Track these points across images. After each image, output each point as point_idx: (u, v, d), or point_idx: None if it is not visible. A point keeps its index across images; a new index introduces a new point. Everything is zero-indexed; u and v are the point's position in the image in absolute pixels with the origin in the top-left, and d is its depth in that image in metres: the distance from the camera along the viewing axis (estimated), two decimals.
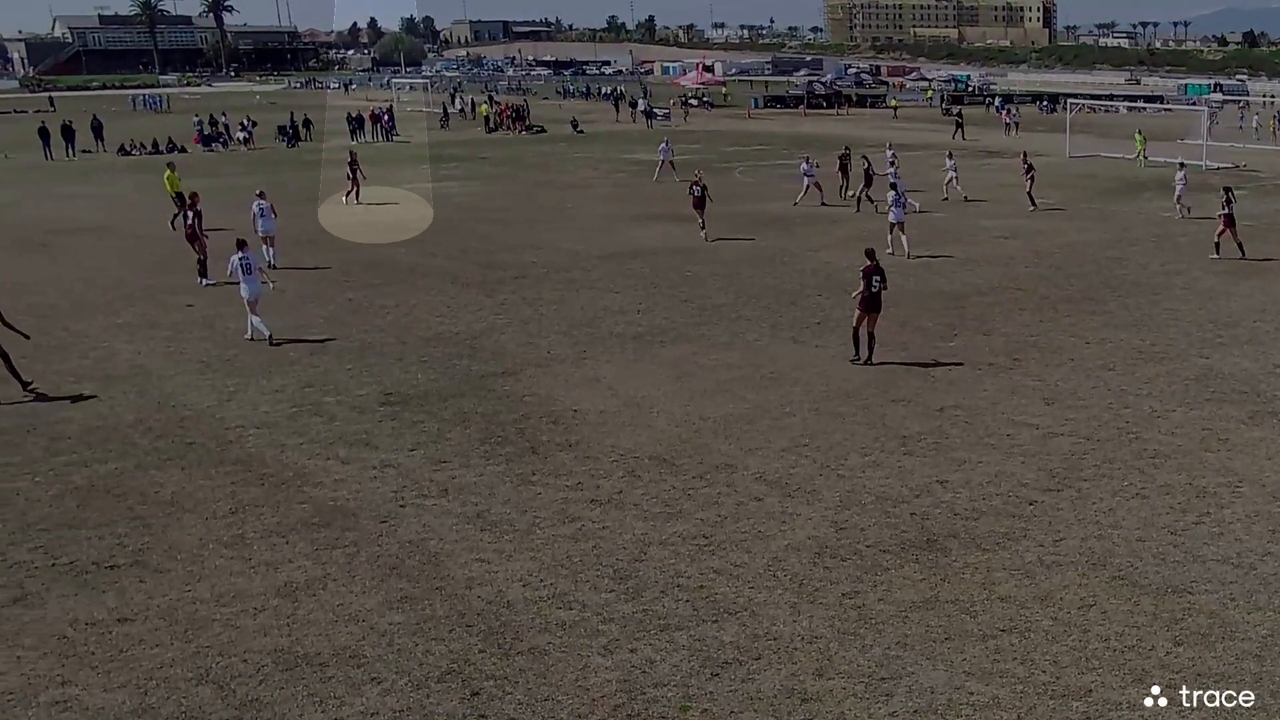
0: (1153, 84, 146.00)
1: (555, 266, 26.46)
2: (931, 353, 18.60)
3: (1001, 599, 10.30)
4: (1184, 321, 20.67)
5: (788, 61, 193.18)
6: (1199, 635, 9.61)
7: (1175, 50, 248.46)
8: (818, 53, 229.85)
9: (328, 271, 26.23)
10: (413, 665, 9.29)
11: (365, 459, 13.98)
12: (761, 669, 9.18)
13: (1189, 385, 16.76)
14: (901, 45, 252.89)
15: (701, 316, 21.27)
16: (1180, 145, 55.28)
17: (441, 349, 19.18)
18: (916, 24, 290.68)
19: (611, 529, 11.87)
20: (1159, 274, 25.20)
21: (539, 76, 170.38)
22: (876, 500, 12.58)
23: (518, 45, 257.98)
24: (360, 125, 66.49)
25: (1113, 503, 12.45)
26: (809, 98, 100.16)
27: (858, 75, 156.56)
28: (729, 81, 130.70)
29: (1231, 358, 18.18)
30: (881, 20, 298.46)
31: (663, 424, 15.23)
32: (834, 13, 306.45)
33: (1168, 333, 19.86)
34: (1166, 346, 18.95)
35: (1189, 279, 24.62)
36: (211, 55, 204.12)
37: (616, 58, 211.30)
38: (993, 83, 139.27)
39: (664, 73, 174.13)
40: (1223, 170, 47.51)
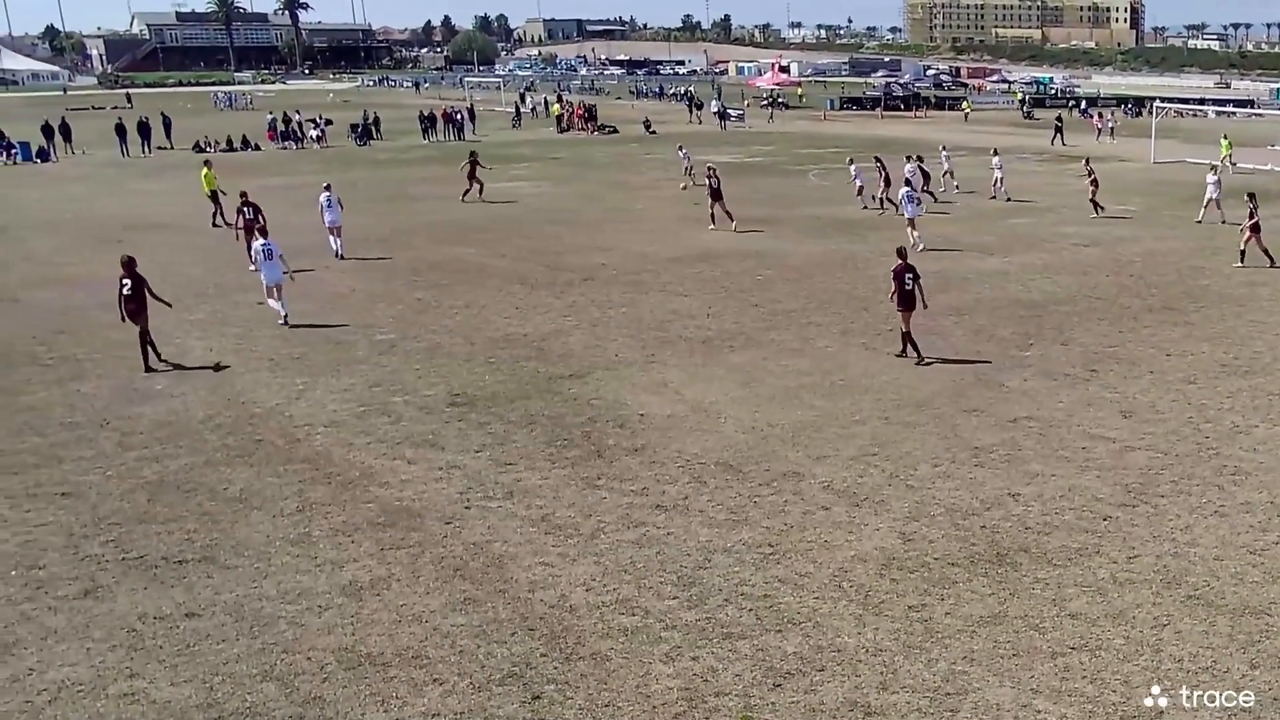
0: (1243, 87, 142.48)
1: (624, 269, 26.47)
2: (1008, 362, 18.29)
3: (1072, 616, 10.12)
4: (1269, 334, 20.11)
5: (865, 62, 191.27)
6: (1276, 658, 9.36)
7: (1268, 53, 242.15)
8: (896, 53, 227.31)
9: (397, 271, 26.51)
10: (474, 667, 9.32)
11: (431, 460, 14.07)
12: (824, 681, 9.09)
13: (1273, 400, 16.32)
14: (982, 46, 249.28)
15: (771, 321, 21.14)
16: (1270, 151, 53.97)
17: (509, 350, 19.27)
18: (998, 24, 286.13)
19: (676, 535, 11.83)
20: (1243, 285, 24.56)
21: (612, 76, 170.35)
22: (946, 512, 12.40)
23: (591, 44, 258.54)
24: (432, 124, 67.14)
25: (1190, 520, 12.16)
26: (886, 99, 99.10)
27: (936, 77, 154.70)
28: (805, 82, 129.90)
29: None
30: (962, 20, 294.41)
31: (730, 430, 15.15)
32: (914, 12, 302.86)
33: (1252, 346, 19.35)
34: (1250, 360, 18.46)
35: (1275, 290, 23.96)
36: (286, 53, 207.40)
37: (691, 57, 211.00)
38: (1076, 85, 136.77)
39: (739, 73, 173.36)
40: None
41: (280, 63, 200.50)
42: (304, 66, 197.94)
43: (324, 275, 25.92)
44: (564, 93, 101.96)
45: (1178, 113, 74.85)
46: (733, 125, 73.54)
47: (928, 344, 19.42)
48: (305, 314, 21.74)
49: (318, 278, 25.55)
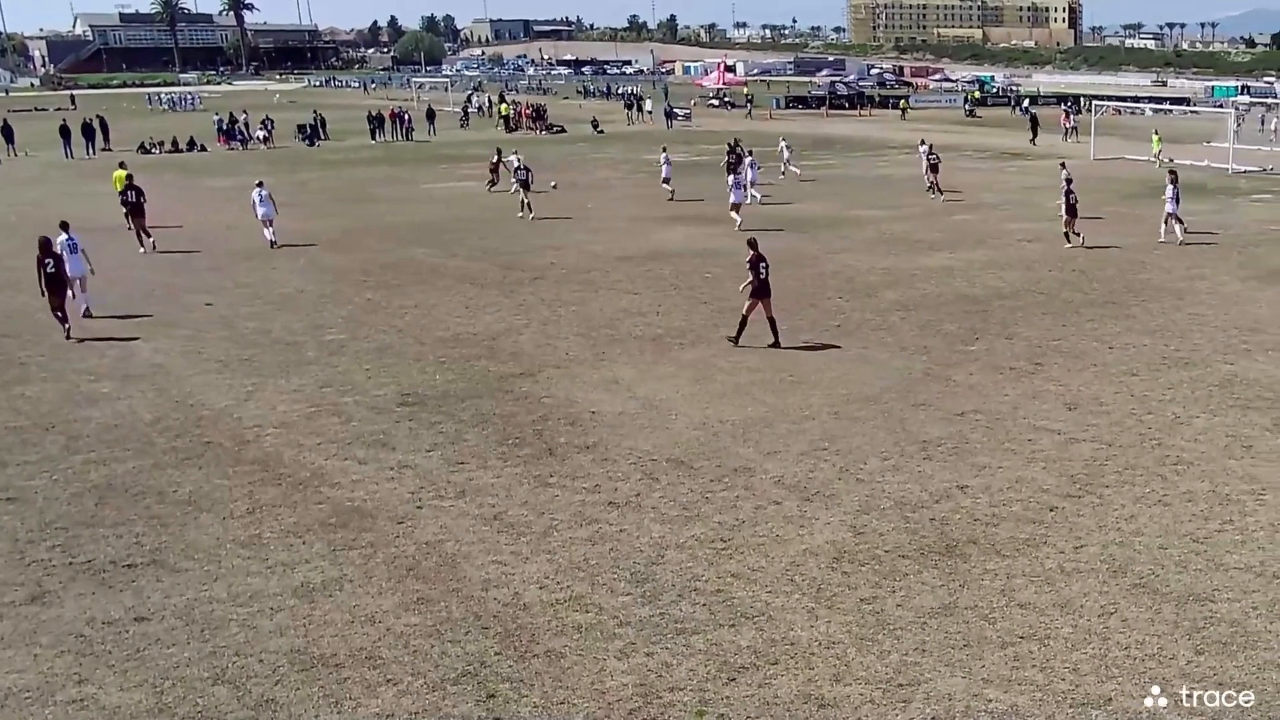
0: (1179, 86, 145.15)
1: (575, 268, 26.50)
2: (955, 356, 18.50)
3: (1021, 606, 10.22)
4: (1208, 327, 20.49)
5: (810, 62, 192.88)
6: (1220, 644, 9.51)
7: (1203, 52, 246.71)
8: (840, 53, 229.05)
9: (347, 271, 26.42)
10: (428, 667, 9.27)
11: (383, 460, 14.00)
12: (778, 674, 9.13)
13: (1213, 391, 16.62)
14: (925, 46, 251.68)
15: (721, 319, 21.18)
16: (1206, 147, 54.97)
17: (460, 350, 19.21)
18: (940, 24, 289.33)
19: (629, 532, 11.84)
20: (1183, 278, 25.00)
21: (559, 76, 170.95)
22: (896, 505, 12.51)
23: (538, 44, 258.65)
24: (380, 124, 67.03)
25: (1134, 509, 12.34)
26: (831, 98, 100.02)
27: (880, 76, 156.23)
28: (751, 81, 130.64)
29: (1257, 364, 18.01)
30: (905, 20, 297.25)
31: (681, 426, 15.19)
32: (857, 12, 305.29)
33: (1192, 338, 19.70)
34: (1191, 352, 18.80)
35: (1214, 284, 24.41)
36: (232, 54, 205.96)
37: (637, 57, 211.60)
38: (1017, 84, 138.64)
39: (685, 72, 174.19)
40: (1249, 174, 47.24)
41: (226, 64, 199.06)
42: (250, 67, 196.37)
43: (272, 276, 25.76)
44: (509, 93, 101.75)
45: (1116, 110, 76.07)
46: (679, 124, 73.73)
47: (877, 339, 19.66)
48: (253, 315, 21.67)
49: (266, 279, 25.41)
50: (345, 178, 46.73)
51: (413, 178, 46.70)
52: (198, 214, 35.28)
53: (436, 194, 41.23)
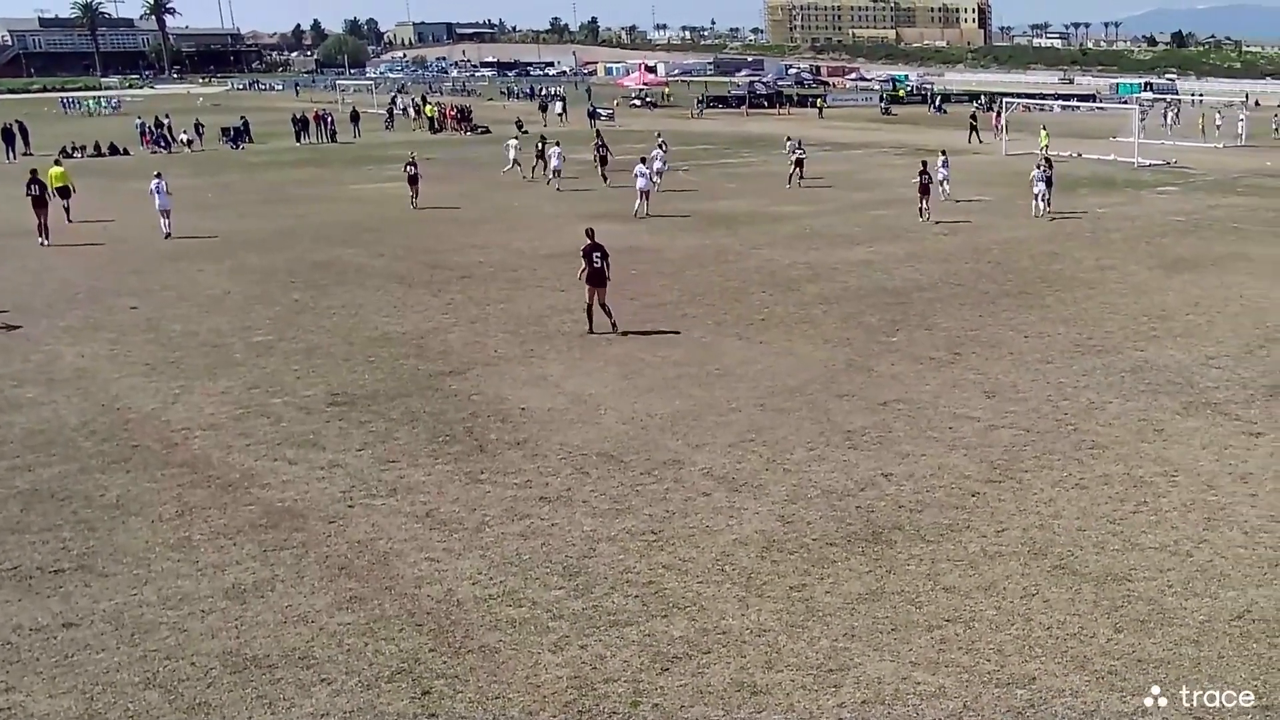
0: (1086, 83, 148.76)
1: (502, 266, 26.48)
2: (877, 347, 18.81)
3: (946, 590, 10.43)
4: (1119, 315, 21.07)
5: (729, 62, 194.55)
6: (1138, 622, 9.78)
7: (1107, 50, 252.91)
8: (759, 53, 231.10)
9: (274, 272, 26.16)
10: (362, 665, 9.25)
11: (313, 460, 13.91)
12: (711, 663, 9.22)
13: (1125, 377, 17.09)
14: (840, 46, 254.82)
15: (647, 314, 21.36)
16: (1113, 143, 56.40)
17: (389, 349, 19.12)
18: (854, 25, 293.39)
19: (560, 526, 11.90)
20: (1094, 269, 25.65)
21: (483, 77, 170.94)
22: (822, 494, 12.70)
23: (461, 46, 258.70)
24: (305, 126, 66.51)
25: (1053, 493, 12.67)
26: (750, 98, 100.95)
27: (798, 75, 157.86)
28: (672, 82, 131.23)
29: (1166, 350, 18.56)
30: (820, 21, 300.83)
31: (610, 421, 15.29)
32: (774, 14, 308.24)
33: (1104, 326, 20.23)
34: (1103, 340, 19.31)
35: (1123, 273, 25.10)
36: (154, 57, 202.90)
37: (560, 59, 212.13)
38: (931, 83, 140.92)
39: (608, 73, 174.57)
40: (1154, 167, 48.55)
41: (149, 67, 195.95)
42: (172, 71, 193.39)
43: (198, 278, 25.45)
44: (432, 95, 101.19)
45: (1026, 107, 77.73)
46: (603, 124, 73.82)
47: (800, 332, 19.91)
48: (179, 317, 21.45)
49: (191, 281, 25.11)
50: (271, 179, 46.28)
51: (338, 179, 46.28)
52: (122, 217, 34.64)
53: (362, 195, 40.92)
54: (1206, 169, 48.47)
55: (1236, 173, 46.99)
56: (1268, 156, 54.49)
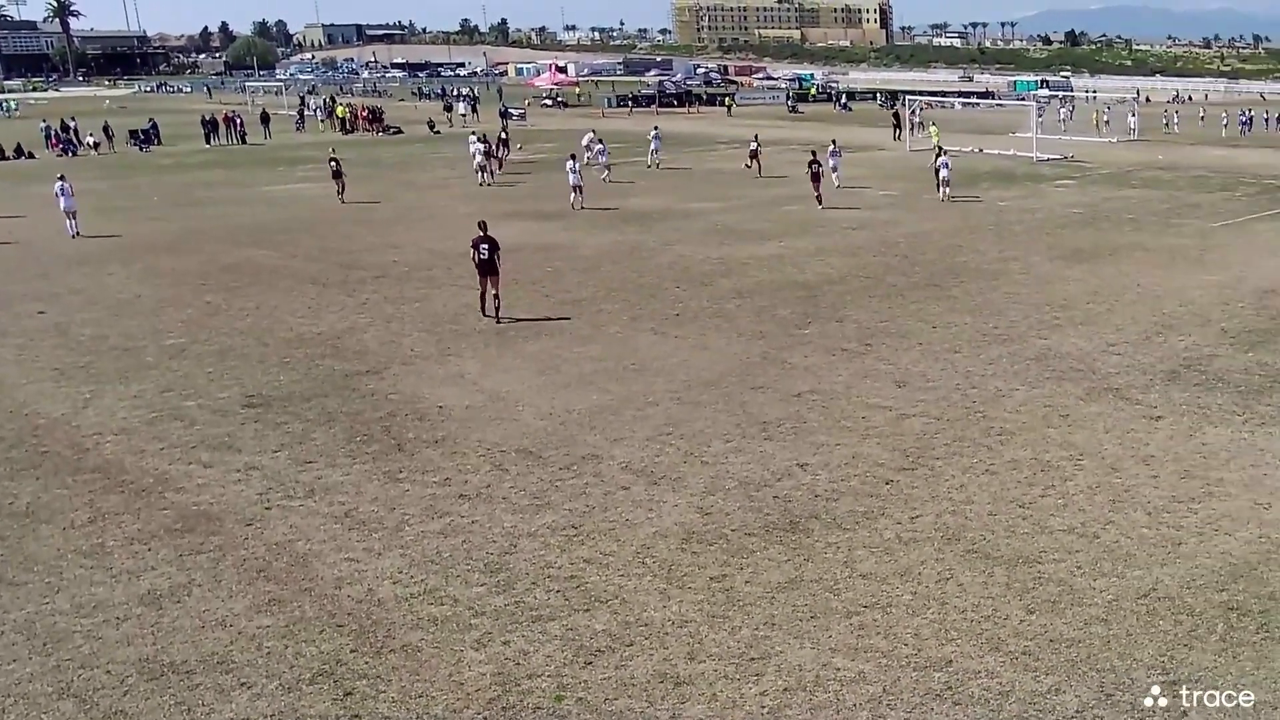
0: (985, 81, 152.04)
1: (417, 265, 26.32)
2: (790, 340, 19.04)
3: (863, 576, 10.59)
4: (1023, 305, 21.58)
5: (639, 62, 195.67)
6: (1049, 603, 10.02)
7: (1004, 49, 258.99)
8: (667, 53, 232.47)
9: (186, 275, 25.72)
10: (283, 668, 9.15)
11: (228, 462, 13.70)
12: (634, 655, 9.27)
13: (1030, 365, 17.52)
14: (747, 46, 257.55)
15: (563, 310, 21.40)
16: (1012, 138, 57.68)
17: (304, 350, 18.91)
18: (760, 25, 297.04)
19: (481, 523, 11.88)
20: (997, 260, 26.24)
21: (394, 79, 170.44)
22: (740, 485, 12.83)
23: (371, 48, 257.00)
24: (215, 128, 65.56)
25: (964, 479, 12.93)
26: (660, 97, 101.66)
27: (707, 75, 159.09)
28: (582, 82, 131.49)
29: (1068, 338, 19.06)
30: (727, 22, 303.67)
31: (528, 417, 15.28)
32: (681, 15, 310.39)
33: (1008, 315, 20.71)
34: (1008, 329, 19.76)
35: (1025, 264, 25.71)
36: (58, 60, 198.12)
37: (471, 59, 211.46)
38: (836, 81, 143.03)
39: (518, 74, 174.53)
40: (1052, 161, 49.77)
41: (53, 70, 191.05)
42: (78, 74, 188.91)
43: (107, 282, 24.95)
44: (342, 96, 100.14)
45: (927, 104, 79.15)
46: (514, 124, 73.65)
47: (714, 326, 20.08)
48: (89, 322, 21.03)
49: (101, 285, 24.60)
50: (180, 182, 45.50)
51: (249, 180, 45.53)
52: (29, 220, 33.82)
53: (274, 196, 40.38)
54: (1102, 163, 49.82)
55: (1130, 166, 48.38)
56: (1159, 150, 56.24)
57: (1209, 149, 58.82)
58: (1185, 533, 11.41)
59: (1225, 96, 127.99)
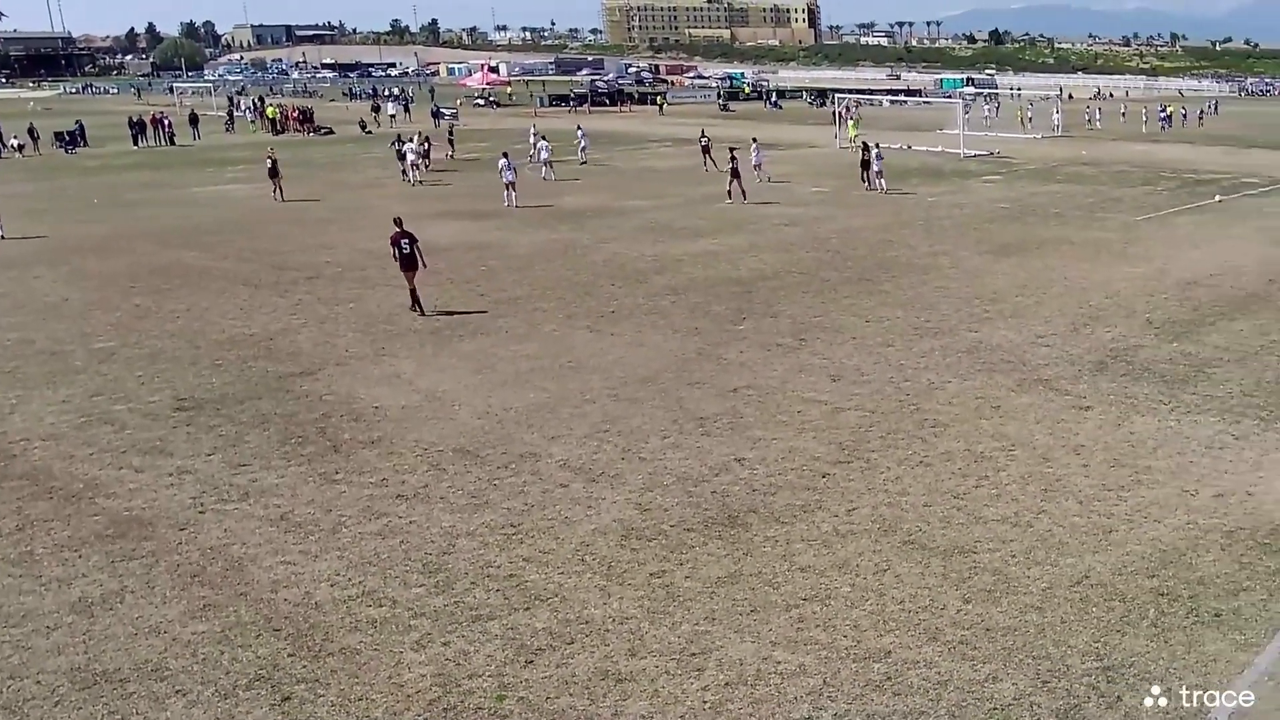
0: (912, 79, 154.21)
1: (350, 265, 26.06)
2: (725, 336, 19.12)
3: (802, 569, 10.66)
4: (953, 298, 21.89)
5: (570, 62, 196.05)
6: (985, 592, 10.16)
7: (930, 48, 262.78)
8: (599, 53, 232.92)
9: (114, 277, 25.25)
10: (219, 674, 9.02)
11: (160, 466, 13.47)
12: (575, 653, 9.26)
13: (961, 358, 17.76)
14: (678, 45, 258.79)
15: (498, 309, 21.33)
16: (940, 135, 58.43)
17: (236, 352, 18.66)
18: (690, 25, 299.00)
19: (419, 523, 11.80)
20: (927, 255, 26.58)
21: (325, 79, 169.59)
22: (678, 480, 12.87)
23: (301, 48, 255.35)
24: (142, 130, 64.49)
25: (899, 471, 13.08)
26: (592, 96, 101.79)
27: (638, 74, 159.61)
28: (514, 81, 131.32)
29: (998, 331, 19.35)
30: (657, 22, 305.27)
31: (465, 416, 15.21)
32: (612, 15, 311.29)
33: (939, 309, 20.98)
34: (939, 322, 20.02)
35: (955, 258, 26.07)
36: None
37: (402, 59, 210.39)
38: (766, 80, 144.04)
39: (450, 74, 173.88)
40: (979, 157, 50.50)
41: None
42: (0, 75, 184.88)
43: (34, 285, 24.45)
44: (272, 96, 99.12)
45: (856, 102, 79.94)
46: (447, 123, 73.28)
47: (650, 323, 20.12)
48: (15, 326, 20.63)
49: (27, 288, 24.09)
50: (108, 183, 44.63)
51: (178, 182, 44.77)
52: None
53: (204, 197, 39.77)
54: (1027, 159, 50.68)
55: (1055, 162, 49.26)
56: (1082, 146, 57.31)
57: (1130, 144, 60.04)
58: (1116, 520, 11.63)
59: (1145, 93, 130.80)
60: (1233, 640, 9.27)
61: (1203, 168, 46.84)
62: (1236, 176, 43.30)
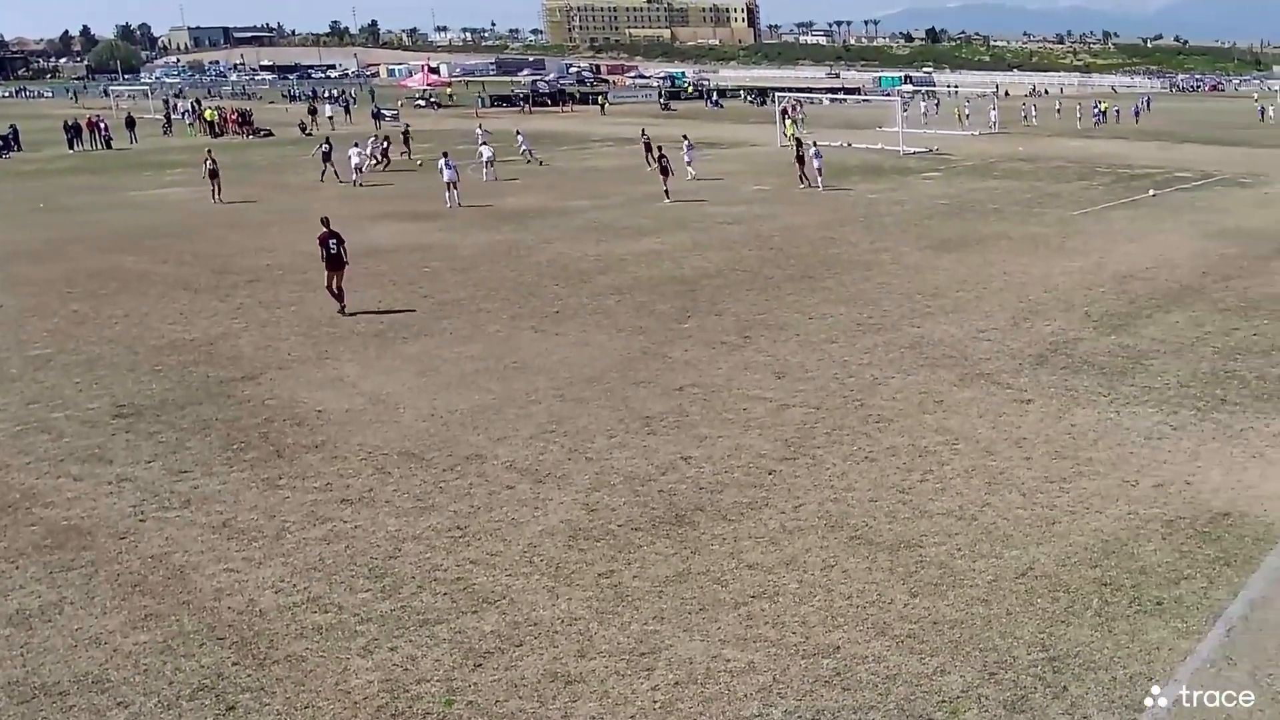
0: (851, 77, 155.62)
1: (291, 268, 25.76)
2: (670, 334, 19.14)
3: (750, 567, 10.66)
4: (895, 294, 22.08)
5: (511, 62, 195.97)
6: (932, 585, 10.23)
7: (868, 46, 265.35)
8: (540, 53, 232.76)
9: (51, 283, 24.76)
10: (161, 685, 8.86)
11: (100, 475, 13.22)
12: (524, 655, 9.20)
13: (904, 353, 17.91)
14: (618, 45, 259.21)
15: (442, 311, 21.20)
16: (879, 132, 58.96)
17: (176, 357, 18.37)
18: (631, 25, 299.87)
19: (364, 528, 11.68)
20: (869, 251, 26.81)
21: (263, 81, 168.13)
22: (625, 480, 12.85)
23: (239, 51, 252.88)
24: (78, 133, 63.43)
25: (845, 467, 13.15)
26: (534, 96, 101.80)
27: (579, 74, 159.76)
28: (455, 82, 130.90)
29: (940, 326, 19.55)
30: (598, 22, 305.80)
31: (410, 419, 15.09)
32: (552, 15, 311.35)
33: (881, 305, 21.16)
34: (882, 318, 20.19)
35: (896, 255, 26.31)
36: None
37: (342, 61, 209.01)
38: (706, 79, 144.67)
39: (390, 75, 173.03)
40: (918, 154, 51.01)
41: None
42: None
43: None
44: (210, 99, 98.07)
45: (800, 101, 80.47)
46: (388, 125, 72.89)
47: (594, 322, 20.11)
48: None
49: None
50: (43, 188, 43.76)
51: (116, 186, 44.00)
52: None
53: (142, 201, 39.13)
54: (965, 155, 51.29)
55: (993, 158, 49.89)
56: (1019, 142, 58.13)
57: (1066, 140, 60.97)
58: (1059, 512, 11.77)
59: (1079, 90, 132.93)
60: (1175, 628, 9.40)
61: (1137, 163, 47.71)
62: (1169, 171, 44.14)
